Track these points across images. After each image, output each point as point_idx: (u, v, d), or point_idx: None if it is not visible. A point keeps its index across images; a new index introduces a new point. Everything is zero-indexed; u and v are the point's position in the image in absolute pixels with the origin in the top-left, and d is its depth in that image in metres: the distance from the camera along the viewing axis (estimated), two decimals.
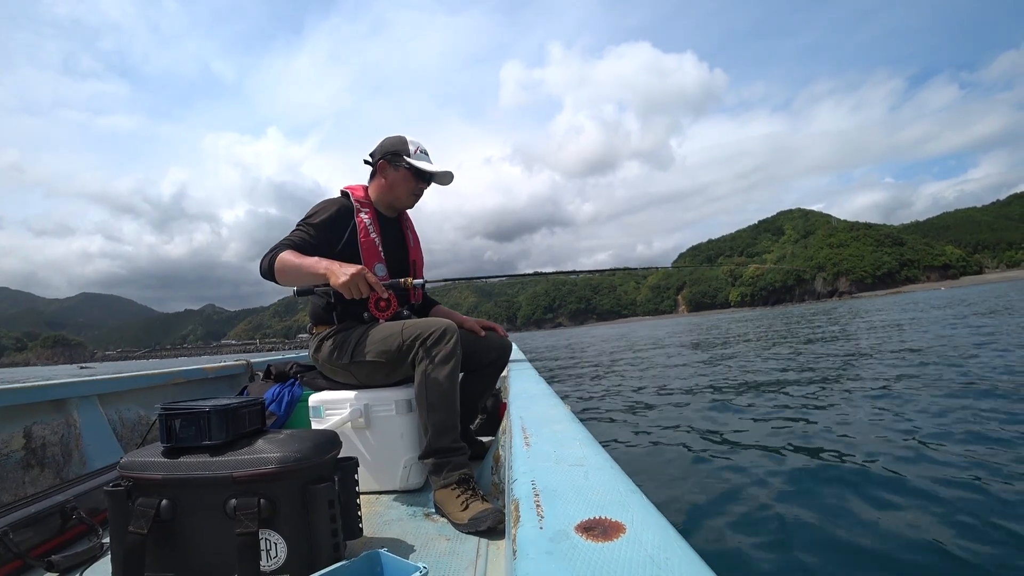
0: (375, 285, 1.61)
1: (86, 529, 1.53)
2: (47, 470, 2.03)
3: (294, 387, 2.21)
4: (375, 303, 1.62)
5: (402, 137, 1.98)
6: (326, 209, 1.86)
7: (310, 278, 1.66)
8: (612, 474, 0.70)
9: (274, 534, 1.10)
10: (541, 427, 1.04)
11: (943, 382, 5.65)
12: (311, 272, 1.64)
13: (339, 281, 1.58)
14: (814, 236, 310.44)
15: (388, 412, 1.77)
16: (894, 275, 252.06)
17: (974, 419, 4.06)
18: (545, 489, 0.65)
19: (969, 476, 2.91)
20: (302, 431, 1.27)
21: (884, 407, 4.76)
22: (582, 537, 0.51)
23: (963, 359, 7.06)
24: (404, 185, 1.96)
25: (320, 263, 1.64)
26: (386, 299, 1.62)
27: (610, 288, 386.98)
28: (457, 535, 1.41)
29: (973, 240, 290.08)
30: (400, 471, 1.78)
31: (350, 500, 1.26)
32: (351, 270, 1.58)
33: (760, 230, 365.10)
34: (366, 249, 1.86)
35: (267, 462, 1.11)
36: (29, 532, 1.39)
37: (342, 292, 1.60)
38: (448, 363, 1.63)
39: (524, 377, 1.97)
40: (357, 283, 1.57)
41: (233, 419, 1.19)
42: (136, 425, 2.46)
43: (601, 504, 0.59)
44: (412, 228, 2.18)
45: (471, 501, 1.48)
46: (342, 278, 1.57)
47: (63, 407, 2.18)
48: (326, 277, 1.61)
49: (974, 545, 2.21)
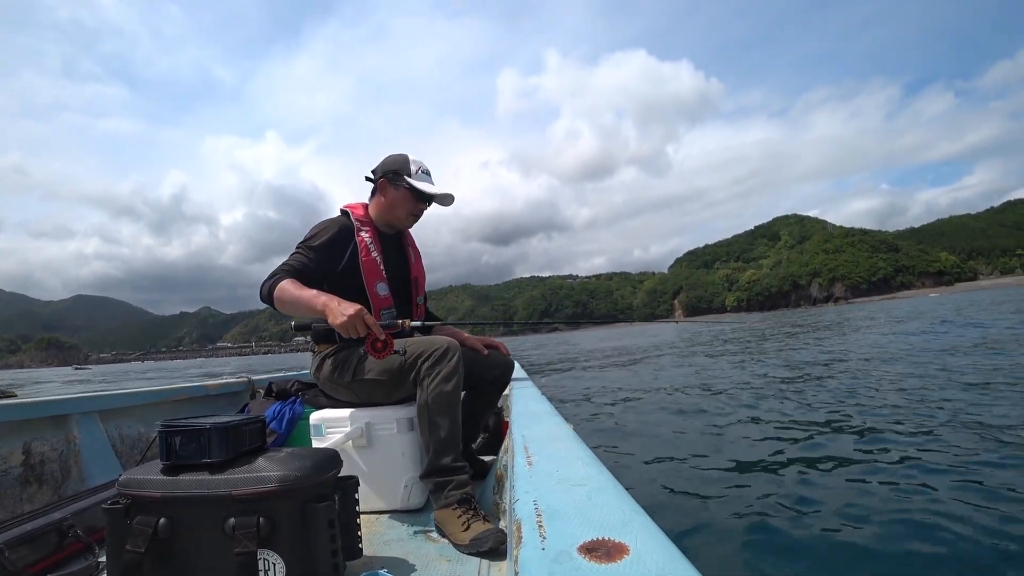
0: (372, 326, 1.59)
1: (82, 547, 1.51)
2: (45, 487, 2.01)
3: (295, 405, 2.21)
4: (371, 343, 1.62)
5: (404, 156, 1.98)
6: (326, 230, 1.85)
7: (308, 312, 1.65)
8: (615, 494, 0.70)
9: (273, 554, 1.09)
10: (543, 446, 1.04)
11: (936, 391, 5.60)
12: (309, 306, 1.63)
13: (337, 321, 1.56)
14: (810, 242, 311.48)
15: (389, 431, 1.76)
16: (889, 281, 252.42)
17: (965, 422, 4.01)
18: (548, 509, 0.65)
19: (969, 477, 2.86)
20: (303, 449, 1.27)
21: (897, 423, 4.71)
22: (585, 558, 0.50)
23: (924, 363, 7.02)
24: (404, 205, 1.96)
25: (319, 298, 1.62)
26: (383, 340, 1.62)
27: (606, 292, 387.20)
28: (458, 556, 1.39)
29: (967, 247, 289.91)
30: (401, 490, 1.76)
31: (350, 520, 1.25)
32: (349, 311, 1.55)
33: (756, 235, 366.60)
34: (367, 268, 1.86)
35: (267, 480, 1.11)
36: (25, 550, 1.38)
37: (339, 331, 1.59)
38: (450, 381, 1.63)
39: (526, 395, 1.96)
40: (355, 323, 1.56)
41: (234, 437, 1.19)
42: (136, 442, 2.45)
43: (604, 525, 0.59)
44: (413, 244, 2.18)
45: (472, 521, 1.46)
46: (340, 318, 1.55)
47: (63, 423, 2.17)
48: (324, 313, 1.60)
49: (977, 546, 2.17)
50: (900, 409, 5.51)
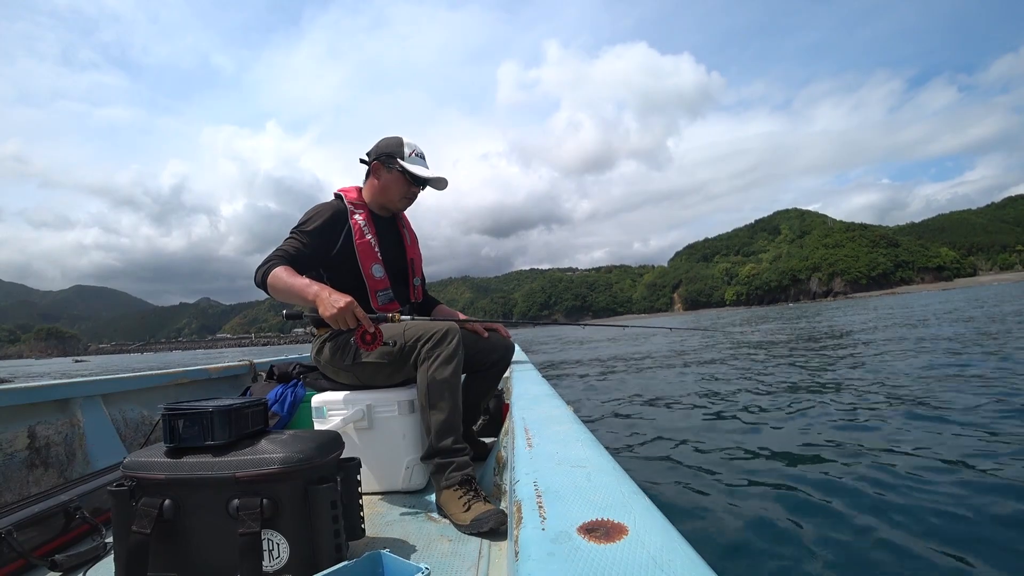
0: (362, 319, 1.59)
1: (89, 529, 1.53)
2: (51, 470, 2.03)
3: (297, 388, 2.22)
4: (361, 336, 1.62)
5: (399, 138, 1.96)
6: (320, 215, 1.84)
7: (300, 300, 1.66)
8: (615, 475, 0.70)
9: (276, 534, 1.11)
10: (543, 428, 1.04)
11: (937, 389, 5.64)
12: (301, 295, 1.63)
13: (327, 312, 1.56)
14: (810, 236, 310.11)
15: (390, 413, 1.77)
16: (889, 276, 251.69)
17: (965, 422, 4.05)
18: (547, 490, 0.65)
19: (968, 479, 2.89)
20: (305, 432, 1.28)
21: (884, 410, 4.75)
22: (584, 539, 0.51)
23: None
24: (396, 188, 1.95)
25: (311, 288, 1.62)
26: (372, 333, 1.61)
27: (606, 285, 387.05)
28: (459, 536, 1.41)
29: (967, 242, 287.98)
30: (402, 472, 1.78)
31: (352, 501, 1.26)
32: (340, 303, 1.55)
33: (756, 229, 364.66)
34: (362, 251, 1.86)
35: (270, 462, 1.12)
36: (32, 532, 1.40)
37: (329, 323, 1.59)
38: (450, 364, 1.63)
39: (526, 378, 1.97)
40: (344, 316, 1.56)
41: (236, 419, 1.20)
42: (140, 425, 2.47)
43: (603, 505, 0.59)
44: (408, 226, 2.17)
45: (473, 502, 1.48)
46: (330, 309, 1.55)
47: (67, 407, 2.19)
48: (315, 303, 1.60)
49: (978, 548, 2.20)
50: (902, 401, 5.55)
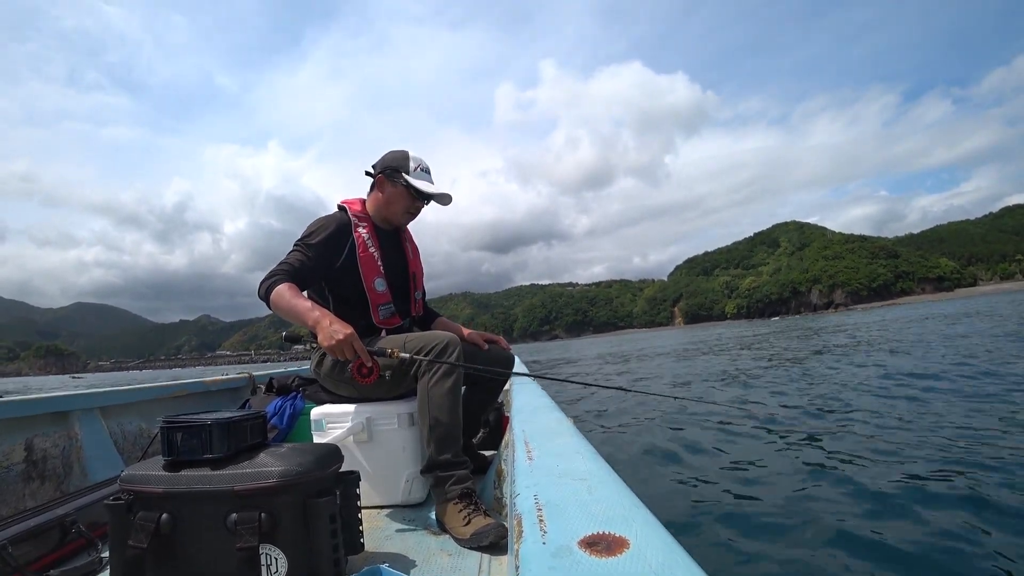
0: (360, 352, 1.58)
1: (85, 543, 1.52)
2: (48, 483, 2.02)
3: (296, 400, 2.21)
4: (357, 368, 1.61)
5: (405, 152, 1.96)
6: (324, 227, 1.84)
7: (300, 323, 1.64)
8: (616, 489, 0.70)
9: (275, 549, 1.09)
10: (544, 441, 1.04)
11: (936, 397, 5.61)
12: (302, 319, 1.62)
13: (326, 342, 1.55)
14: (809, 248, 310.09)
15: (390, 426, 1.77)
16: (889, 287, 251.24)
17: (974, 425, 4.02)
18: (548, 504, 0.65)
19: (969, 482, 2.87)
20: (304, 445, 1.27)
21: (888, 420, 4.72)
22: (585, 552, 0.50)
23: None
24: (400, 202, 1.96)
25: (312, 313, 1.60)
26: (369, 367, 1.61)
27: (606, 300, 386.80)
28: (459, 550, 1.40)
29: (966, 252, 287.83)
30: (402, 485, 1.77)
31: (351, 514, 1.25)
32: (339, 335, 1.54)
33: (756, 242, 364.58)
34: (365, 264, 1.86)
35: (268, 476, 1.11)
36: (28, 546, 1.38)
37: (327, 352, 1.58)
38: (451, 376, 1.63)
39: (527, 390, 1.96)
40: (343, 348, 1.55)
41: (235, 432, 1.19)
42: (138, 438, 2.45)
43: (605, 519, 0.59)
44: (411, 239, 2.18)
45: (473, 516, 1.47)
46: (329, 340, 1.54)
47: (65, 420, 2.18)
48: (315, 330, 1.59)
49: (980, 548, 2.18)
50: (906, 409, 5.52)
